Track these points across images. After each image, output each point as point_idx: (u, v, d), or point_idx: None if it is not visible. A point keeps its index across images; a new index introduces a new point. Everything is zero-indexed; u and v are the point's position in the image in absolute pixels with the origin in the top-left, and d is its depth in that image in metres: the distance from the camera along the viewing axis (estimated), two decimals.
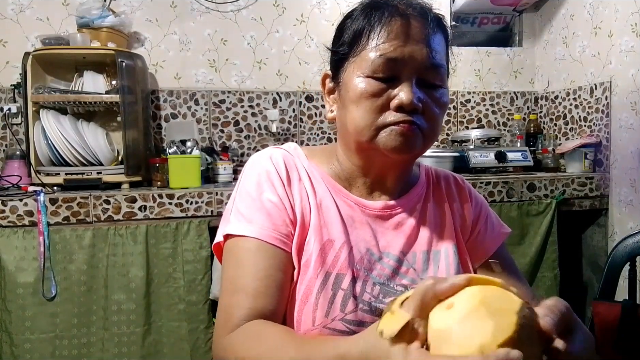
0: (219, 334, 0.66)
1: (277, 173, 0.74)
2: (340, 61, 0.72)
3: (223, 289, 0.70)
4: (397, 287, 0.72)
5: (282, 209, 0.71)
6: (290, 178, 0.74)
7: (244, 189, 0.74)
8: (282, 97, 2.33)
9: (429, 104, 0.69)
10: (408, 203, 0.78)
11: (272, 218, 0.70)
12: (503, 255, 0.83)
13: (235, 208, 0.73)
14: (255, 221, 0.70)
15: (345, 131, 0.72)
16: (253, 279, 0.67)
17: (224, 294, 0.69)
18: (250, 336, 0.62)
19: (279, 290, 0.68)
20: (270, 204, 0.71)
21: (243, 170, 0.78)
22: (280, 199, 0.72)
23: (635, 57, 1.95)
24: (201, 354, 1.66)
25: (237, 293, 0.67)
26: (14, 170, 1.85)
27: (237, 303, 0.66)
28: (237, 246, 0.70)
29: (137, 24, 2.16)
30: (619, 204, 2.01)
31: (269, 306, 0.66)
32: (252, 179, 0.74)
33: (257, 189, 0.73)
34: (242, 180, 0.76)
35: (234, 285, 0.68)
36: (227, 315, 0.66)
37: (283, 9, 2.32)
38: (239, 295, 0.66)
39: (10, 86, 2.03)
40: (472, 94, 2.55)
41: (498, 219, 0.86)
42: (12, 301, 1.53)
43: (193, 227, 1.65)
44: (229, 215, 0.73)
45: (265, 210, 0.71)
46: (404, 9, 0.68)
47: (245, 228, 0.70)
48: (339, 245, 0.71)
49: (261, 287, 0.66)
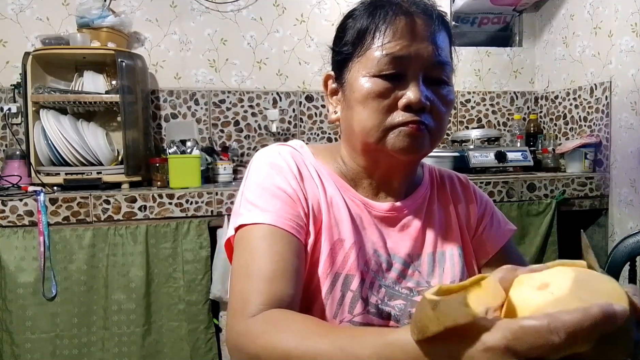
0: (236, 321, 0.60)
1: (288, 167, 0.71)
2: (344, 61, 0.71)
3: (235, 276, 0.65)
4: (403, 289, 0.71)
5: (296, 200, 0.68)
6: (301, 173, 0.72)
7: (252, 182, 0.71)
8: (282, 97, 2.33)
9: (435, 102, 0.68)
10: (414, 204, 0.77)
11: (286, 207, 0.67)
12: (511, 251, 0.82)
13: (245, 200, 0.69)
14: (268, 209, 0.67)
15: (351, 132, 0.71)
16: (269, 262, 0.62)
17: (237, 280, 0.64)
18: (272, 322, 0.57)
19: (296, 274, 0.64)
20: (284, 194, 0.68)
21: (249, 166, 0.74)
22: (294, 191, 0.69)
23: (635, 57, 1.95)
24: (201, 354, 1.66)
25: (252, 278, 0.62)
26: (14, 170, 1.85)
27: (252, 288, 0.61)
28: (250, 234, 0.66)
29: (137, 24, 2.16)
30: (619, 204, 2.01)
31: (287, 290, 0.61)
32: (262, 171, 0.71)
33: (268, 179, 0.70)
34: (249, 175, 0.73)
35: (247, 271, 0.63)
36: (243, 301, 0.61)
37: (283, 9, 2.32)
38: (253, 280, 0.62)
39: (10, 86, 2.03)
40: (472, 94, 2.55)
41: (504, 216, 0.86)
42: (13, 301, 1.53)
43: (193, 227, 1.65)
44: (239, 209, 0.70)
45: (279, 198, 0.68)
46: (408, 7, 0.67)
47: (257, 216, 0.66)
48: (349, 245, 0.70)
49: (278, 271, 0.62)
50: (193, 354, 1.65)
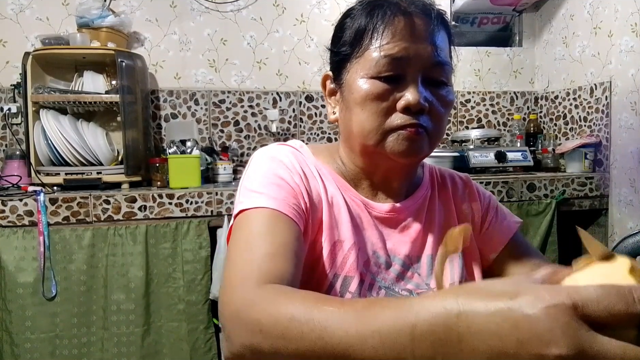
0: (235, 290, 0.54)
1: (291, 163, 0.70)
2: (342, 62, 0.70)
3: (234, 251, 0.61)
4: (402, 291, 0.71)
5: (298, 193, 0.67)
6: (304, 171, 0.71)
7: (253, 172, 0.69)
8: (282, 97, 2.33)
9: (434, 104, 0.67)
10: (414, 205, 0.76)
11: (287, 195, 0.65)
12: (520, 243, 0.81)
13: (245, 189, 0.67)
14: (269, 194, 0.65)
15: (350, 134, 0.70)
16: (269, 241, 0.60)
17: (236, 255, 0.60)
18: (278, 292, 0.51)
19: (296, 257, 0.60)
20: (285, 184, 0.67)
21: (249, 162, 0.73)
22: (297, 185, 0.68)
23: (635, 57, 1.94)
24: (201, 354, 1.66)
25: (253, 253, 0.58)
26: (14, 170, 1.85)
27: (254, 261, 0.57)
28: (251, 217, 0.63)
29: (136, 24, 2.16)
30: (618, 204, 2.01)
31: (288, 268, 0.57)
32: (263, 163, 0.70)
33: (270, 170, 0.68)
34: (249, 168, 0.71)
35: (248, 246, 0.60)
36: (243, 272, 0.56)
37: (283, 9, 2.32)
38: (255, 255, 0.58)
39: (10, 86, 2.03)
40: (472, 94, 2.55)
41: (509, 211, 0.85)
42: (13, 301, 1.53)
43: (193, 227, 1.65)
44: (239, 198, 0.68)
45: (280, 187, 0.66)
46: (406, 6, 0.66)
47: (258, 201, 0.64)
48: (348, 246, 0.69)
49: (279, 249, 0.59)
50: (193, 354, 1.65)
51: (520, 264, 0.78)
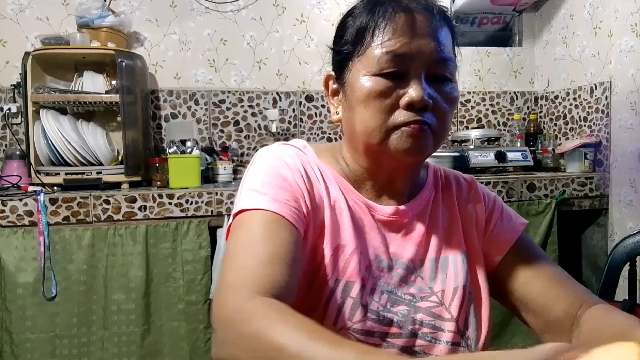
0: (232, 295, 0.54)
1: (294, 164, 0.69)
2: (344, 61, 0.70)
3: (232, 252, 0.61)
4: (405, 295, 0.70)
5: (300, 196, 0.66)
6: (307, 172, 0.70)
7: (255, 172, 0.68)
8: (282, 97, 2.33)
9: (438, 100, 0.66)
10: (417, 207, 0.75)
11: (288, 197, 0.65)
12: (527, 244, 0.79)
13: (246, 188, 0.67)
14: (270, 195, 0.64)
15: (353, 133, 0.69)
16: (268, 245, 0.59)
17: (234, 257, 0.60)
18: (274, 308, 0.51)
19: (294, 262, 0.60)
20: (288, 185, 0.66)
21: (252, 161, 0.72)
22: (299, 188, 0.67)
23: (635, 57, 1.94)
24: (200, 353, 1.66)
25: (251, 257, 0.58)
26: (14, 170, 1.85)
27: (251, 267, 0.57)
28: (250, 218, 0.63)
29: (136, 24, 2.16)
30: (618, 204, 2.01)
31: (285, 276, 0.57)
32: (266, 162, 0.69)
33: (272, 169, 0.68)
34: (251, 168, 0.70)
35: (246, 250, 0.59)
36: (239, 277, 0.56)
37: (283, 9, 2.32)
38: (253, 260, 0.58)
39: (10, 86, 2.03)
40: (472, 94, 2.55)
41: (515, 212, 0.84)
42: (13, 301, 1.53)
43: (193, 227, 1.65)
44: (239, 197, 0.67)
45: (282, 188, 0.65)
46: (408, 3, 0.66)
47: (258, 202, 0.63)
48: (350, 251, 0.68)
49: (276, 255, 0.58)
50: (192, 353, 1.65)
51: (526, 266, 0.76)
